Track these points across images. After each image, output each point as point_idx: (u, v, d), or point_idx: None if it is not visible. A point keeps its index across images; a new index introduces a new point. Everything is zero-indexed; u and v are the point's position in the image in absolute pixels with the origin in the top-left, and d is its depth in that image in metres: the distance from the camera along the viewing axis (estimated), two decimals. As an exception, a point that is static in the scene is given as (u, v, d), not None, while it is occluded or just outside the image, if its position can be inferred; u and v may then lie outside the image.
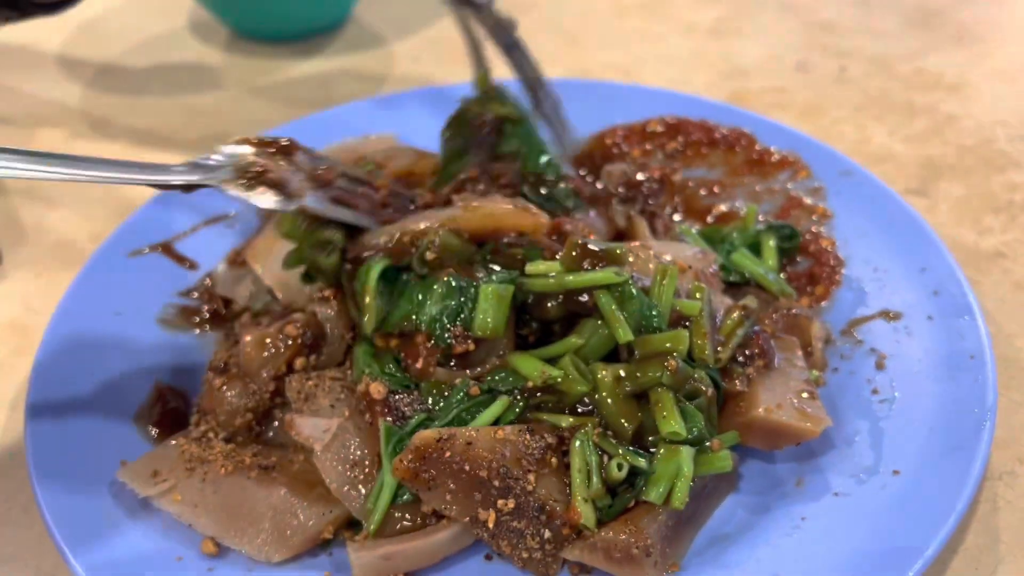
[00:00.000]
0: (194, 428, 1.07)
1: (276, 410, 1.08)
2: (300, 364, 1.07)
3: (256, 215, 1.35)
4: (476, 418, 0.97)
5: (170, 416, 1.10)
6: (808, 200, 1.33)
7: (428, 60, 1.90)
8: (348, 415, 1.01)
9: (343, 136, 1.46)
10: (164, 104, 1.80)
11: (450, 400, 0.99)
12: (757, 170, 1.39)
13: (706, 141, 1.43)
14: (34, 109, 1.79)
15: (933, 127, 1.62)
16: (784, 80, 1.77)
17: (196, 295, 1.26)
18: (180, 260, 1.30)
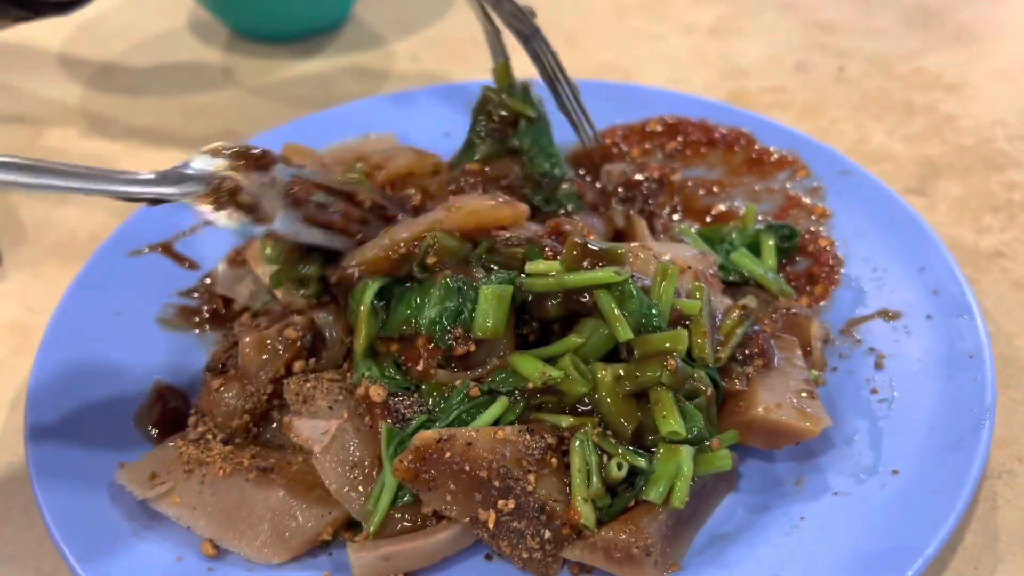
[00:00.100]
0: (192, 429, 1.07)
1: (274, 412, 1.08)
2: (299, 367, 1.07)
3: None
4: (476, 419, 0.97)
5: (170, 416, 1.10)
6: (807, 200, 1.33)
7: (428, 59, 1.90)
8: (347, 417, 1.00)
9: (343, 136, 1.46)
10: (164, 104, 1.80)
11: (450, 401, 0.99)
12: (756, 170, 1.39)
13: (705, 141, 1.43)
14: (34, 108, 1.79)
15: (932, 127, 1.62)
16: (783, 80, 1.77)
17: (196, 295, 1.26)
18: (180, 260, 1.30)
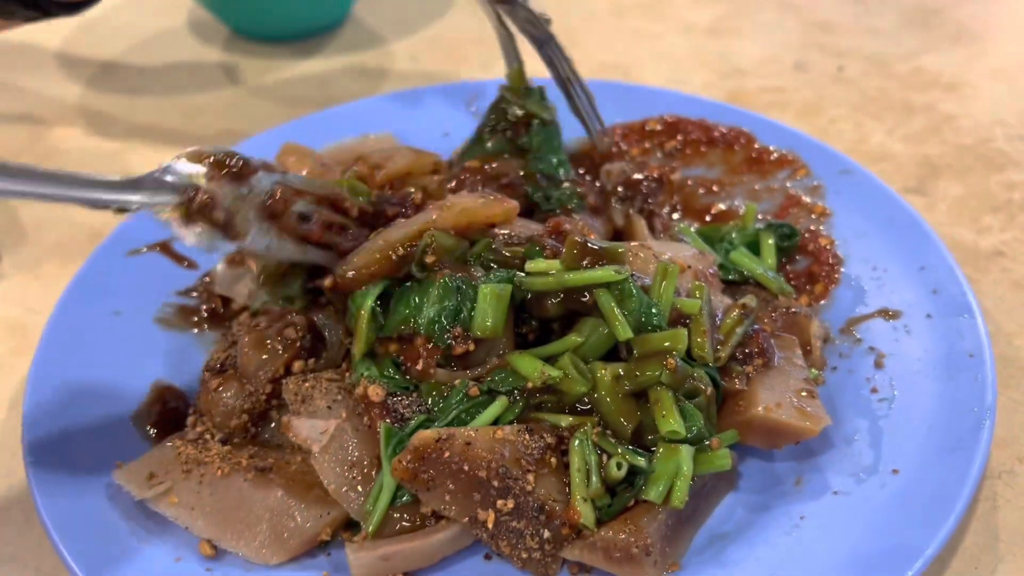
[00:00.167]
0: (190, 429, 1.07)
1: (273, 412, 1.08)
2: (298, 367, 1.07)
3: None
4: (475, 418, 0.97)
5: (169, 416, 1.09)
6: (807, 199, 1.33)
7: (427, 59, 1.90)
8: (345, 416, 1.00)
9: (342, 136, 1.46)
10: (163, 103, 1.80)
11: (449, 401, 0.99)
12: (756, 169, 1.39)
13: (705, 140, 1.43)
14: (34, 107, 1.79)
15: (931, 126, 1.61)
16: (782, 79, 1.77)
17: (195, 294, 1.26)
18: (179, 259, 1.29)
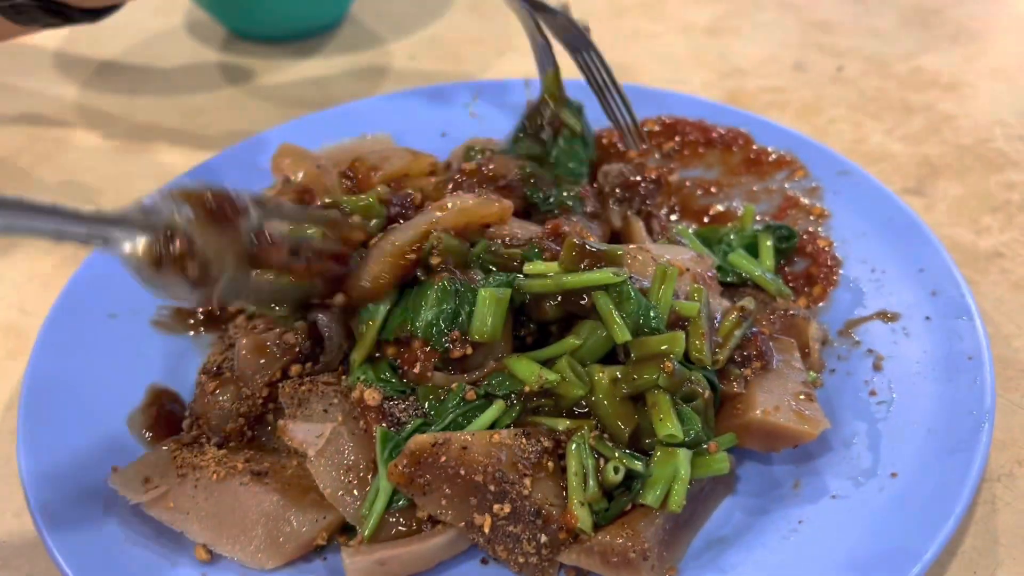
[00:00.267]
0: (186, 432, 1.07)
1: (269, 415, 1.07)
2: (295, 371, 1.07)
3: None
4: (472, 422, 0.97)
5: (165, 420, 1.09)
6: (805, 200, 1.32)
7: (425, 59, 1.89)
8: (341, 420, 1.00)
9: (339, 136, 1.46)
10: (161, 103, 1.79)
11: (446, 405, 0.99)
12: (754, 170, 1.39)
13: (703, 141, 1.43)
14: (32, 107, 1.79)
15: (930, 126, 1.61)
16: (781, 79, 1.76)
17: (192, 296, 1.25)
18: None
